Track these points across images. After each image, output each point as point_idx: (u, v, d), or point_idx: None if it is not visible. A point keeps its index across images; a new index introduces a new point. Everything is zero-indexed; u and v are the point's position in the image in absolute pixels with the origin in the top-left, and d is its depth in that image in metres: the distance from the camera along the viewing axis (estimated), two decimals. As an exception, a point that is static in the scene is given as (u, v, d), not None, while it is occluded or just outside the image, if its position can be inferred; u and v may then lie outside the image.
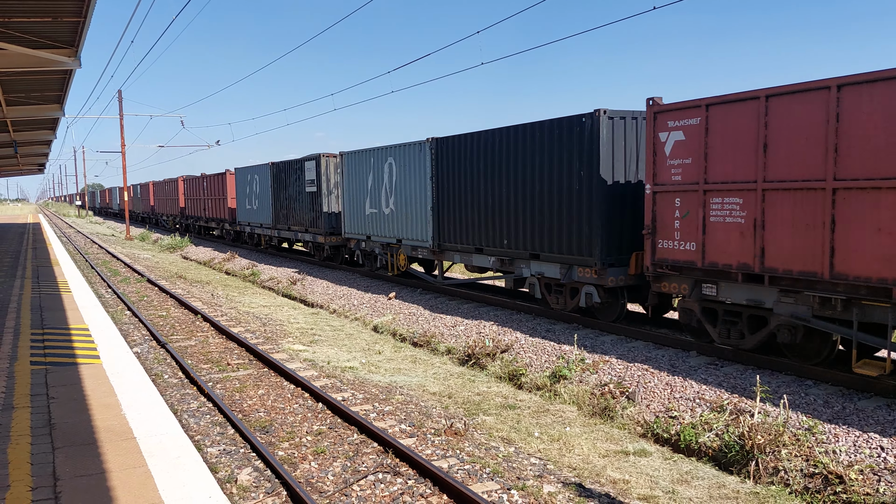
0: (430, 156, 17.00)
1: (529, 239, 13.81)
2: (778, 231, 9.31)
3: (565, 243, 12.90)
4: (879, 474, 6.88)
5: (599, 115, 11.97)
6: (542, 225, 13.44)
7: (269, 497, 6.78)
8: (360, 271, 22.10)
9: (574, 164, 12.55)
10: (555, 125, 12.92)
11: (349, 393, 10.31)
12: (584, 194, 12.41)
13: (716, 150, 10.05)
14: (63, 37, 11.90)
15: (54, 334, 11.38)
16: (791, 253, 9.15)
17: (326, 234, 23.60)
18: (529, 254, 13.87)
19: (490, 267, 15.32)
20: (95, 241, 43.26)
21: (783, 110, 9.13)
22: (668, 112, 10.70)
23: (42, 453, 6.26)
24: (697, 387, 9.38)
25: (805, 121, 8.89)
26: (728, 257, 9.97)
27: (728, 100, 9.84)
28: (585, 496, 6.84)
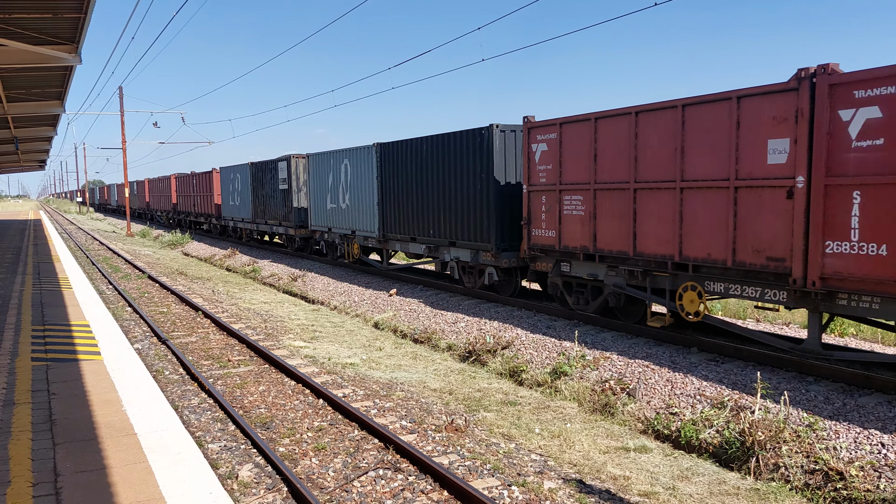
0: (375, 159, 19.77)
1: (449, 229, 16.59)
2: (604, 221, 12.20)
3: (473, 233, 15.71)
4: (880, 471, 6.88)
5: (493, 129, 14.77)
6: (456, 218, 16.25)
7: (270, 493, 6.79)
8: (324, 260, 24.61)
9: (477, 168, 15.32)
10: (464, 136, 15.64)
11: (350, 389, 10.31)
12: (483, 193, 15.22)
13: (567, 159, 12.93)
14: (64, 33, 11.90)
15: (55, 330, 11.39)
16: (612, 237, 12.07)
17: (296, 227, 26.28)
18: (449, 242, 16.72)
19: (422, 253, 18.18)
20: (96, 237, 43.29)
21: (605, 129, 12.04)
22: (537, 128, 13.57)
23: (43, 449, 6.27)
24: (698, 383, 9.38)
25: (618, 137, 11.76)
26: (575, 241, 12.94)
27: (573, 120, 12.70)
28: (586, 492, 6.84)
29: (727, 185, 10.02)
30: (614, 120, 11.79)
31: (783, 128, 9.27)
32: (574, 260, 13.03)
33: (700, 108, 10.35)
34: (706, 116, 10.26)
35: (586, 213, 12.55)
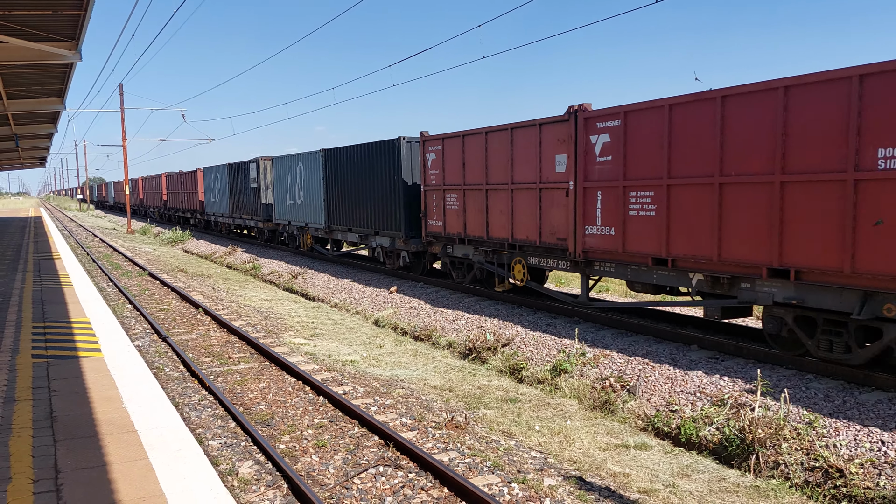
0: (321, 162, 23.57)
1: (374, 221, 20.39)
2: (471, 214, 15.91)
3: (390, 224, 19.46)
4: (880, 468, 6.88)
5: (401, 141, 18.58)
6: (379, 212, 20.04)
7: (271, 490, 6.80)
8: (287, 249, 28.86)
9: (391, 171, 19.13)
10: (382, 145, 19.60)
11: (350, 386, 10.32)
12: (395, 191, 19.01)
13: (447, 165, 16.64)
14: (64, 30, 11.89)
15: (56, 327, 11.39)
16: (475, 226, 15.79)
17: (264, 220, 30.05)
18: (374, 231, 20.48)
19: (357, 241, 22.11)
20: (97, 234, 43.30)
21: (469, 144, 15.79)
22: (429, 140, 17.29)
23: (43, 446, 6.28)
24: (698, 381, 9.39)
25: (476, 151, 15.50)
26: (454, 229, 16.63)
27: (450, 136, 16.38)
28: (586, 489, 6.85)
29: (535, 187, 13.69)
30: (474, 137, 15.57)
31: (563, 147, 12.91)
32: (454, 244, 17.00)
33: (521, 131, 13.95)
34: (525, 136, 13.83)
35: (460, 207, 16.38)
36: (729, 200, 9.94)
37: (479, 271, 16.42)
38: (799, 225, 9.04)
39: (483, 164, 15.21)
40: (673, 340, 11.21)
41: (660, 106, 10.81)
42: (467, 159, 15.84)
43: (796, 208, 9.05)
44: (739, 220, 9.82)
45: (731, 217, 9.92)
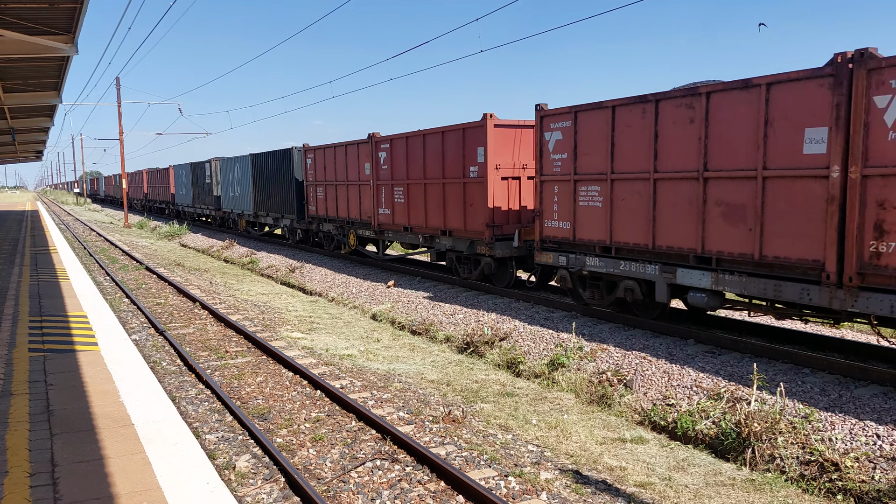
0: (250, 164, 30.48)
1: (281, 207, 27.48)
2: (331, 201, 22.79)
3: (289, 209, 26.65)
4: (875, 462, 6.91)
5: (293, 149, 25.92)
6: (283, 200, 27.14)
7: (268, 483, 6.81)
8: (234, 231, 35.16)
9: (290, 171, 26.26)
10: (283, 152, 26.82)
11: (347, 380, 10.33)
12: (291, 186, 26.24)
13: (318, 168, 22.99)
14: (60, 23, 11.83)
15: (52, 321, 11.38)
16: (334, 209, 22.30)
17: (215, 209, 37.22)
18: (281, 215, 27.55)
19: (272, 223, 29.17)
20: (94, 228, 43.21)
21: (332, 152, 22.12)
22: (309, 150, 24.21)
23: (40, 439, 6.28)
24: (695, 375, 9.41)
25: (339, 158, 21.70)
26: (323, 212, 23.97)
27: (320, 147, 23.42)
28: (582, 483, 6.87)
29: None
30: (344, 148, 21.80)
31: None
32: (325, 222, 23.74)
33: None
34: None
35: (327, 196, 23.16)
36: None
37: (337, 242, 23.81)
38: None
39: (343, 167, 21.94)
40: (670, 335, 11.22)
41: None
42: (332, 164, 22.80)
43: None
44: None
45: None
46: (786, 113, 9.00)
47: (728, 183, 9.85)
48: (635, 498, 6.60)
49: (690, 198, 10.39)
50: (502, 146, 15.29)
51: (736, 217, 9.80)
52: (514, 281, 15.75)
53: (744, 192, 9.67)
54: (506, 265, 15.75)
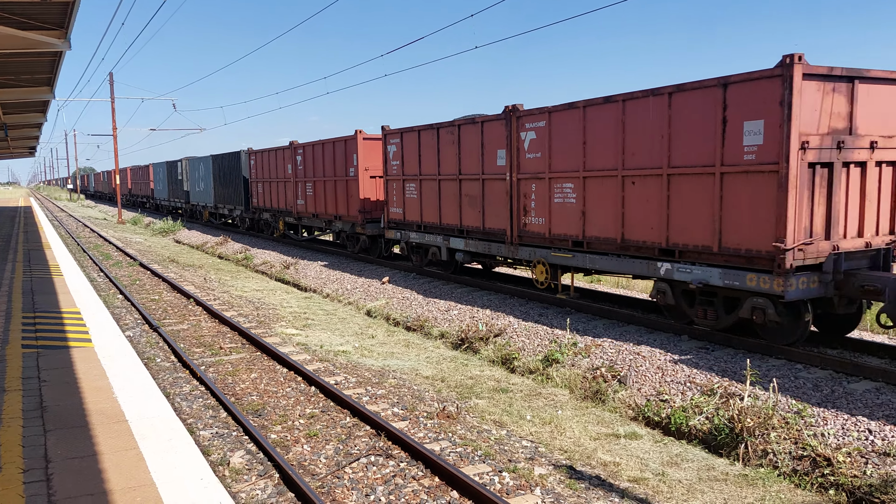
0: (211, 163, 35.35)
1: (233, 200, 32.92)
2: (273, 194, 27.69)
3: (239, 201, 31.98)
4: (867, 457, 6.95)
5: (241, 152, 30.88)
6: (234, 195, 32.55)
7: (262, 479, 6.81)
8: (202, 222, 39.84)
9: (239, 170, 31.41)
10: (234, 154, 31.92)
11: (342, 377, 10.33)
12: (240, 182, 31.45)
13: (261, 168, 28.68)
14: (52, 18, 11.76)
15: (46, 318, 11.35)
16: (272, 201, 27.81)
17: (185, 202, 42.50)
18: (234, 207, 32.92)
19: (227, 213, 34.34)
20: (87, 224, 43.06)
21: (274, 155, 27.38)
22: (254, 153, 29.46)
23: (34, 436, 6.27)
24: (688, 370, 9.44)
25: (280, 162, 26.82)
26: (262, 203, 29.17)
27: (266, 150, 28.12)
28: (576, 478, 6.89)
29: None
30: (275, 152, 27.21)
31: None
32: (263, 212, 29.38)
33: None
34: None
35: (264, 191, 28.74)
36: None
37: (270, 226, 29.21)
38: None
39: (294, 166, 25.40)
40: (664, 331, 11.26)
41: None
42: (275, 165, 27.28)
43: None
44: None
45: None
46: (487, 140, 14.81)
47: (466, 182, 15.67)
48: (629, 493, 6.63)
49: (455, 192, 16.00)
50: (370, 153, 20.63)
51: (474, 204, 15.45)
52: (383, 253, 21.06)
53: (476, 188, 15.33)
54: (376, 241, 21.25)
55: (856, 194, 9.70)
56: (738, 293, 10.00)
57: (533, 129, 13.43)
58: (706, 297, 10.64)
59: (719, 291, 10.30)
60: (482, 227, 15.11)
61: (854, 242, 9.71)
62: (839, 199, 9.48)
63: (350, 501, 6.39)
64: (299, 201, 25.14)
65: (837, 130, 9.35)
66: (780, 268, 9.09)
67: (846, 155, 9.42)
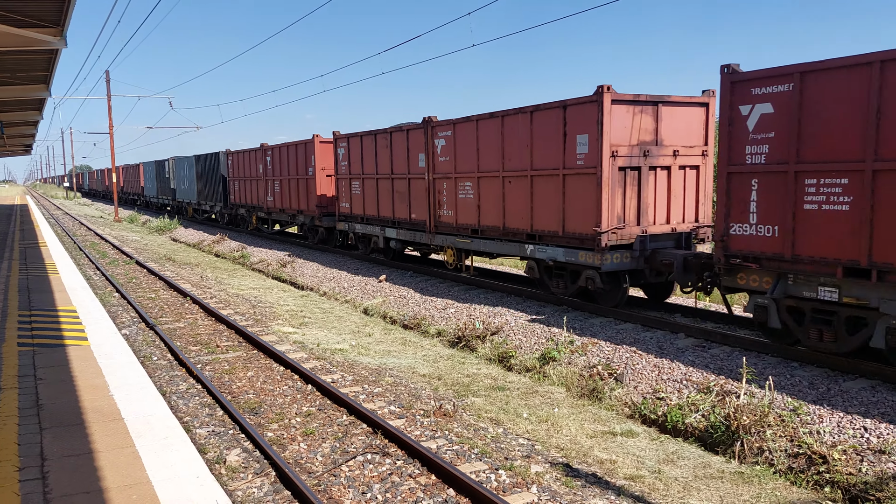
0: (195, 162, 37.76)
1: (214, 197, 35.26)
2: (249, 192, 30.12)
3: (218, 198, 34.55)
4: (862, 454, 6.97)
5: (220, 153, 33.41)
6: (215, 191, 35.08)
7: (258, 478, 6.81)
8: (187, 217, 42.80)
9: (217, 169, 33.90)
10: (215, 155, 34.35)
11: (339, 375, 10.33)
12: (219, 180, 33.84)
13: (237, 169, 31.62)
14: (48, 16, 11.73)
15: (42, 316, 11.33)
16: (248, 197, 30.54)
17: (172, 199, 44.87)
18: (215, 203, 35.39)
19: (209, 209, 37.17)
20: (83, 222, 42.98)
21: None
22: (230, 154, 32.06)
23: (29, 434, 6.26)
24: (685, 368, 9.46)
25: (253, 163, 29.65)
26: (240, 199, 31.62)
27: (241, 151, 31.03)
28: (572, 476, 6.90)
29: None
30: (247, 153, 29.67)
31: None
32: (240, 208, 31.54)
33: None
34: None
35: (240, 188, 31.12)
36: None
37: (246, 220, 31.56)
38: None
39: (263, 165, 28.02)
40: (661, 328, 11.28)
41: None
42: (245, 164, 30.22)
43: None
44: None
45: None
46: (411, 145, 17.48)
47: (397, 181, 18.32)
48: (625, 491, 6.64)
49: (389, 189, 18.83)
50: (325, 155, 23.32)
51: (403, 199, 18.12)
52: (337, 243, 23.79)
53: (405, 186, 18.04)
54: (332, 232, 23.89)
55: (663, 191, 12.46)
56: (577, 267, 12.82)
57: (443, 137, 16.16)
58: (559, 271, 13.47)
59: (566, 266, 13.13)
60: (409, 218, 18.01)
61: (662, 228, 12.45)
62: (648, 195, 12.27)
63: (347, 499, 6.39)
64: (269, 198, 27.97)
65: (645, 142, 12.14)
66: (598, 246, 11.91)
67: (652, 161, 12.20)
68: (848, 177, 8.44)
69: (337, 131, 21.26)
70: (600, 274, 12.20)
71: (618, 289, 12.45)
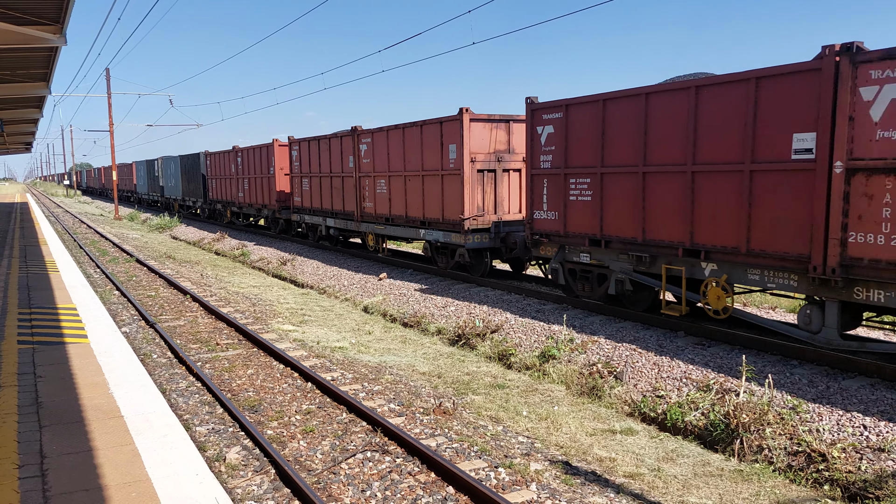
0: (180, 162, 41.84)
1: (196, 194, 39.47)
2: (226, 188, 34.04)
3: (199, 194, 38.97)
4: (861, 452, 6.97)
5: (201, 154, 37.79)
6: (196, 189, 39.64)
7: (258, 475, 6.81)
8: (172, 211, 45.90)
9: (198, 168, 38.45)
10: (195, 155, 38.93)
11: (339, 373, 10.33)
12: (200, 178, 38.39)
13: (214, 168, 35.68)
14: (48, 13, 11.72)
15: (42, 314, 11.33)
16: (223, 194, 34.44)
17: (161, 196, 48.79)
18: (197, 199, 39.61)
19: (192, 205, 40.85)
20: (84, 220, 42.98)
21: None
22: (209, 155, 36.27)
23: (29, 431, 6.26)
24: (684, 366, 9.46)
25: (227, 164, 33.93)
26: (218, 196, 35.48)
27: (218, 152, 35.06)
28: (572, 473, 6.90)
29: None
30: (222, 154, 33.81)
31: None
32: (217, 203, 35.33)
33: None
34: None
35: (217, 186, 34.84)
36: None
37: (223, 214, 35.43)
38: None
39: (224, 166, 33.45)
40: (660, 327, 11.27)
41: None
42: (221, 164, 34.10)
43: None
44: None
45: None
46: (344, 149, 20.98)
47: (334, 178, 21.66)
48: (624, 488, 6.64)
49: (329, 185, 22.07)
50: (284, 157, 26.95)
51: (339, 194, 21.49)
52: (294, 232, 27.15)
53: (339, 182, 21.48)
54: (290, 223, 27.44)
55: (515, 187, 16.08)
56: (453, 246, 16.60)
57: (365, 143, 19.69)
58: (443, 250, 17.19)
59: (447, 246, 16.79)
60: (343, 209, 21.54)
61: (514, 216, 16.11)
62: (502, 190, 15.94)
63: (346, 497, 6.39)
64: (240, 194, 31.67)
65: (500, 150, 15.91)
66: (463, 230, 15.63)
67: (505, 164, 15.95)
68: (590, 177, 12.12)
69: (291, 136, 24.69)
70: (468, 251, 16.02)
71: (482, 263, 16.22)
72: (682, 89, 10.18)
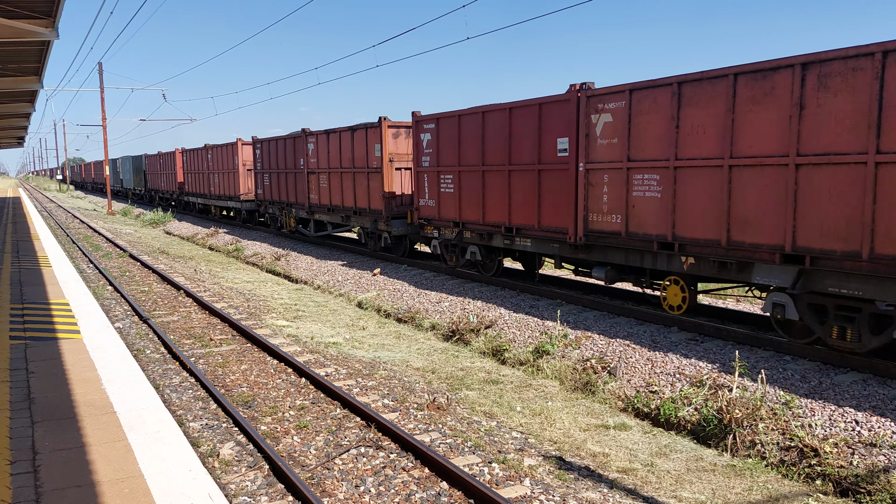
0: (144, 161, 50.65)
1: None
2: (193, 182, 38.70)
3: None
4: (853, 447, 7.00)
5: (176, 152, 41.22)
6: (168, 182, 43.94)
7: (252, 471, 6.80)
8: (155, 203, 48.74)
9: (172, 165, 41.87)
10: (171, 153, 42.33)
11: (333, 368, 10.32)
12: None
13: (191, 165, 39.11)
14: (40, 7, 11.63)
15: (34, 309, 11.28)
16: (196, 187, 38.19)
17: (145, 189, 52.66)
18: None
19: (170, 197, 43.72)
20: (77, 215, 42.79)
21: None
22: (187, 152, 39.25)
23: (21, 427, 6.24)
24: (678, 362, 9.48)
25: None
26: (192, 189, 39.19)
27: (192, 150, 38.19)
28: (565, 469, 6.92)
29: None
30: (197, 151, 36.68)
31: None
32: (191, 197, 39.24)
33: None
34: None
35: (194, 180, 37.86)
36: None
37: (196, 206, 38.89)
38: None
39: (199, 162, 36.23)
40: (654, 322, 11.30)
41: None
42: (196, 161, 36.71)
43: None
44: None
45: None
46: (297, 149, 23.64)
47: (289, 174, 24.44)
48: (617, 483, 6.66)
49: (285, 179, 24.90)
50: (247, 154, 30.20)
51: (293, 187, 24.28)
52: (256, 221, 31.14)
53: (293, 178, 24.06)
54: (253, 214, 31.05)
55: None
56: (380, 231, 19.38)
57: (311, 143, 22.58)
58: (374, 235, 20.04)
59: (375, 231, 19.61)
60: (296, 201, 24.44)
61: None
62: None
63: (340, 492, 6.39)
64: (211, 188, 34.92)
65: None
66: (383, 218, 18.88)
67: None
68: (452, 174, 15.51)
69: (255, 136, 27.71)
70: (391, 236, 19.01)
71: (402, 245, 19.29)
72: (500, 110, 13.90)
